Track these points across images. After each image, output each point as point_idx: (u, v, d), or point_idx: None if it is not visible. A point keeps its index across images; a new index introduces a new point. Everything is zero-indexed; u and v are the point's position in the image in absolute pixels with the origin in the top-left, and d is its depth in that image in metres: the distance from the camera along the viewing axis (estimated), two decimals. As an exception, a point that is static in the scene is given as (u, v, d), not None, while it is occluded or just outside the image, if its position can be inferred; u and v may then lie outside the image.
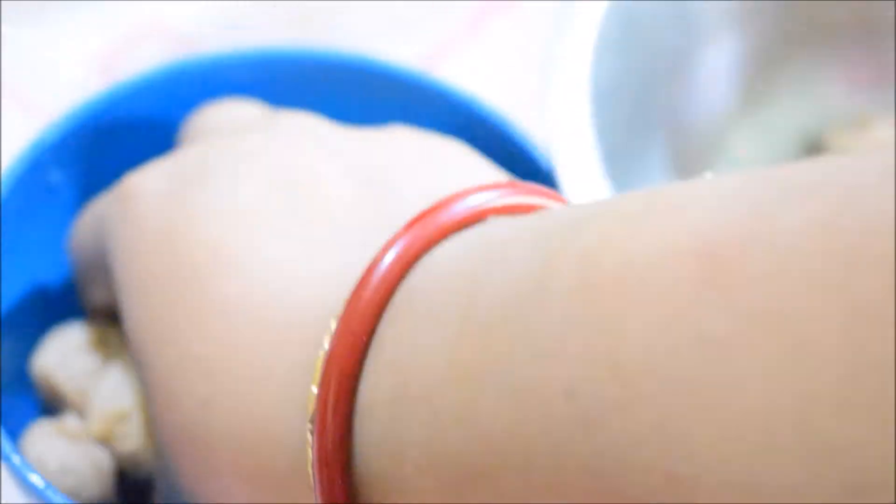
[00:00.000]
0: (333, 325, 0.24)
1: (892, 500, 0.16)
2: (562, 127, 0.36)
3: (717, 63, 0.43)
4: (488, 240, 0.24)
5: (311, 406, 0.24)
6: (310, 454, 0.24)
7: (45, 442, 0.31)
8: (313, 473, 0.24)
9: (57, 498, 0.28)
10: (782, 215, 0.18)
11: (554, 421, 0.20)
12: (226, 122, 0.31)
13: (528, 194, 0.25)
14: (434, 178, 0.27)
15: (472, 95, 0.35)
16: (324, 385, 0.24)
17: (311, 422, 0.24)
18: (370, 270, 0.24)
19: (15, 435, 0.31)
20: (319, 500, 0.24)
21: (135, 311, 0.27)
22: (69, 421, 0.31)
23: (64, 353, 0.31)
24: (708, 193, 0.20)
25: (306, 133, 0.29)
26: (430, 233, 0.24)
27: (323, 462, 0.24)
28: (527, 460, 0.20)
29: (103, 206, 0.30)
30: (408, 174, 0.28)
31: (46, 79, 0.48)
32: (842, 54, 0.42)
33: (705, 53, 0.43)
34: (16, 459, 0.28)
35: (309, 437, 0.24)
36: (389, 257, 0.24)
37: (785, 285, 0.17)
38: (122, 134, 0.34)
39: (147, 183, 0.28)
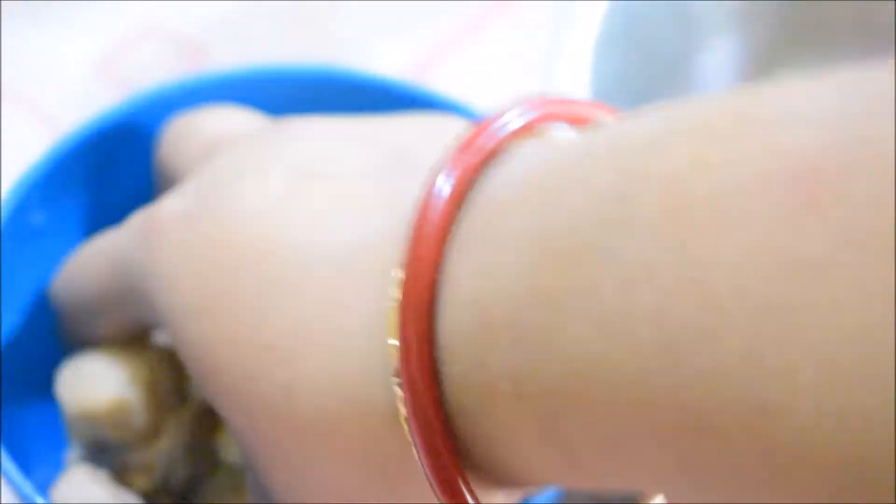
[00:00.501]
0: (397, 274, 0.23)
1: None
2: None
3: (717, 63, 0.42)
4: (556, 161, 0.22)
5: (393, 360, 0.23)
6: (401, 409, 0.23)
7: (72, 483, 0.31)
8: (409, 427, 0.23)
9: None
10: (885, 138, 0.17)
11: (641, 349, 0.19)
12: (227, 130, 0.31)
13: (569, 105, 0.25)
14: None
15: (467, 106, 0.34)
16: (403, 331, 0.23)
17: (396, 375, 0.23)
18: (427, 199, 0.23)
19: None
20: (421, 450, 0.23)
21: (193, 328, 0.27)
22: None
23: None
24: (804, 107, 0.19)
25: (318, 124, 0.29)
26: (484, 151, 0.23)
27: (418, 409, 0.23)
28: (613, 390, 0.20)
29: (121, 244, 0.30)
30: (425, 147, 0.26)
31: (47, 79, 0.48)
32: (841, 56, 0.42)
33: (705, 54, 0.42)
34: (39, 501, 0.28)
35: (397, 390, 0.23)
36: (443, 183, 0.23)
37: (888, 210, 0.17)
38: (105, 171, 0.34)
39: (174, 209, 0.28)
